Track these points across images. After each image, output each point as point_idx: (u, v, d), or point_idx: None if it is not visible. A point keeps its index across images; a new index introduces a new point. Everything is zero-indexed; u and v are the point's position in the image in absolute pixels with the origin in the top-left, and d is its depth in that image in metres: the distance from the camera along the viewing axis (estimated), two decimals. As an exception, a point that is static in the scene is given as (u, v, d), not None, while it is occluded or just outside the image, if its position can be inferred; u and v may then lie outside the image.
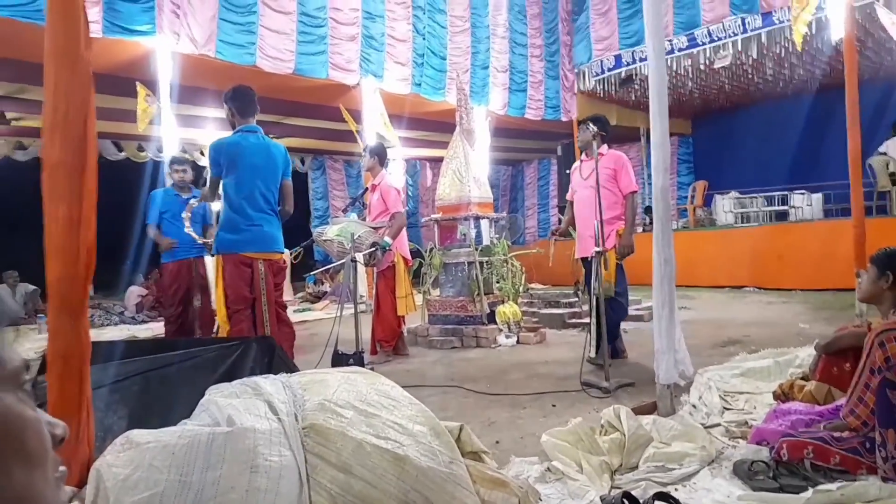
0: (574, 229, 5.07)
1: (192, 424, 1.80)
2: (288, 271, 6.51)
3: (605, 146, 4.73)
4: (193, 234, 5.01)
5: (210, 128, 9.69)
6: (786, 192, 11.00)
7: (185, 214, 4.90)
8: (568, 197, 5.08)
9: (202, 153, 10.51)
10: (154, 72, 6.87)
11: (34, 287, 9.86)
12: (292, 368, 2.41)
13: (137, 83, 6.97)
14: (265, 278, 3.80)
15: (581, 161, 4.86)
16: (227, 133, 4.04)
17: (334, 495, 1.67)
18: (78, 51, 1.46)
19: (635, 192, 4.68)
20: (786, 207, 10.96)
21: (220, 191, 3.98)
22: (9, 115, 8.85)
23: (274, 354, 2.42)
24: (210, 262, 5.68)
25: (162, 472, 1.58)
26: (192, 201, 5.25)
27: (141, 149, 11.29)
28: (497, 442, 2.98)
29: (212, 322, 5.54)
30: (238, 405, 1.81)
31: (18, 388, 0.51)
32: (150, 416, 2.19)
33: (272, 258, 3.90)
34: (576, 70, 11.91)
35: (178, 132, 7.47)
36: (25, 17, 5.65)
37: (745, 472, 2.38)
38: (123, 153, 11.14)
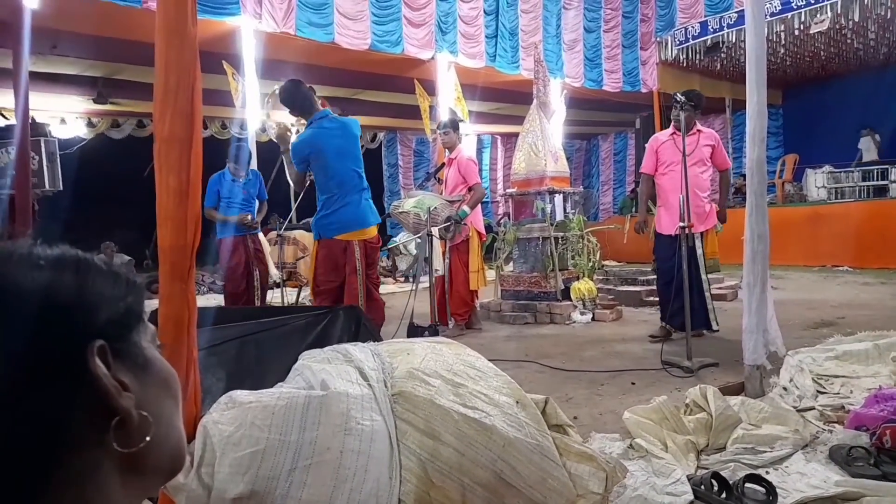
0: (654, 204, 4.99)
1: (288, 387, 1.88)
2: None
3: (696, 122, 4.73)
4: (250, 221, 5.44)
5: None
6: (886, 167, 10.25)
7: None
8: (647, 171, 4.90)
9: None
10: (238, 49, 7.10)
11: (129, 258, 10.50)
12: (377, 338, 2.48)
13: (224, 62, 7.23)
14: (359, 258, 3.84)
15: (673, 136, 4.69)
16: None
17: (423, 460, 1.72)
18: (186, 28, 1.53)
19: (729, 167, 4.89)
20: (885, 182, 10.23)
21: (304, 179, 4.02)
22: (107, 96, 9.38)
23: (360, 324, 2.49)
24: (262, 237, 5.92)
25: (263, 431, 1.67)
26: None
27: (224, 126, 11.75)
28: (575, 418, 2.96)
29: (264, 294, 5.78)
30: (331, 370, 1.88)
31: (157, 346, 0.58)
32: (246, 378, 2.30)
33: (366, 235, 3.93)
34: (657, 39, 11.43)
35: (260, 112, 7.73)
36: (124, 1, 5.95)
37: (843, 458, 2.27)
38: (208, 130, 11.62)
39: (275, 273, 6.70)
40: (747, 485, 2.07)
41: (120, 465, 0.50)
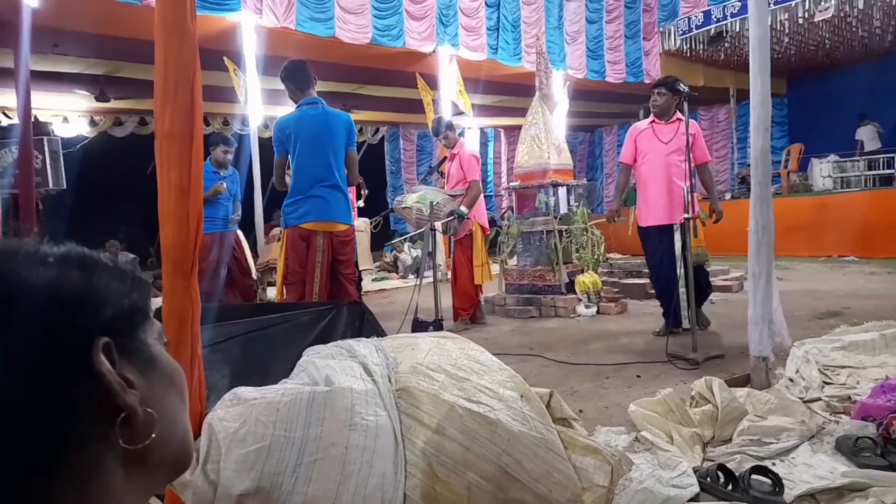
0: (633, 195, 4.94)
1: (293, 384, 1.88)
2: (368, 240, 6.66)
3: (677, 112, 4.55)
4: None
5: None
6: (892, 156, 10.19)
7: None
8: (626, 161, 4.82)
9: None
10: (239, 45, 7.09)
11: (133, 256, 10.53)
12: (381, 333, 2.48)
13: (225, 58, 7.21)
14: (322, 251, 3.67)
15: (653, 124, 4.62)
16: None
17: (428, 455, 1.71)
18: (185, 24, 1.52)
19: (708, 161, 4.81)
20: (891, 171, 10.18)
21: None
22: (109, 94, 9.39)
23: (364, 319, 2.49)
24: (242, 235, 5.94)
25: (268, 427, 1.67)
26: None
27: (226, 122, 11.74)
28: (581, 411, 2.96)
29: (252, 294, 5.76)
30: (335, 366, 1.88)
31: (163, 343, 0.59)
32: (250, 374, 2.30)
33: (332, 229, 3.76)
34: (660, 29, 11.36)
35: (262, 108, 7.72)
36: (122, -2, 5.96)
37: (850, 449, 2.26)
38: (210, 127, 11.62)
39: (254, 271, 6.74)
40: (753, 476, 2.06)
41: (125, 462, 0.50)
